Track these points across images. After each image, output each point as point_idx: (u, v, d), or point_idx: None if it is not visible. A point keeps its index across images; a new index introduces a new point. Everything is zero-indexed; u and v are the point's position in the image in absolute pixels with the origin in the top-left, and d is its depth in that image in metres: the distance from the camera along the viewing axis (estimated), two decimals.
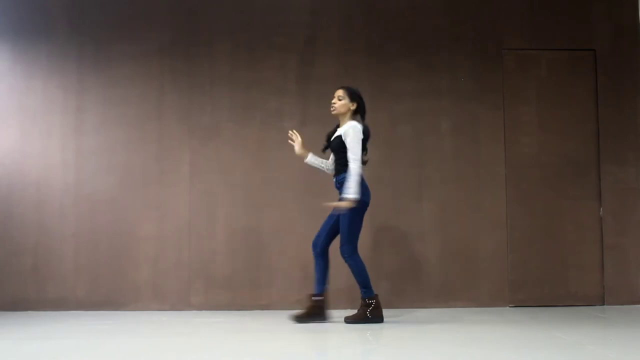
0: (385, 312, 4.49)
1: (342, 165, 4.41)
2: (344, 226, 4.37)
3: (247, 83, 5.45)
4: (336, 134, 4.50)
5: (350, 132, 4.36)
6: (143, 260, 5.31)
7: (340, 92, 4.51)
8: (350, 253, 4.38)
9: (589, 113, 5.51)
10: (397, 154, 5.41)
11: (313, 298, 4.46)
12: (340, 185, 4.42)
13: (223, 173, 5.38)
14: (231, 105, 5.43)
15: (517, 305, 5.30)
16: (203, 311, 5.21)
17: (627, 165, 5.45)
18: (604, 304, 5.33)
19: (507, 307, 5.29)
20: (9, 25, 5.48)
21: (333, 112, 4.52)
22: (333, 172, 4.57)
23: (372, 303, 4.40)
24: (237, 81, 5.45)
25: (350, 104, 4.48)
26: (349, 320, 4.39)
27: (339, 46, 5.48)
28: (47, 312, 5.20)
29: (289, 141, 4.74)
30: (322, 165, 4.68)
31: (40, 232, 5.32)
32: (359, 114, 4.53)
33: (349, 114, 4.49)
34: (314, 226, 5.10)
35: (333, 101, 4.50)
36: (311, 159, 4.69)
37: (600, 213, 5.43)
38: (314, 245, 4.52)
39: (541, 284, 5.35)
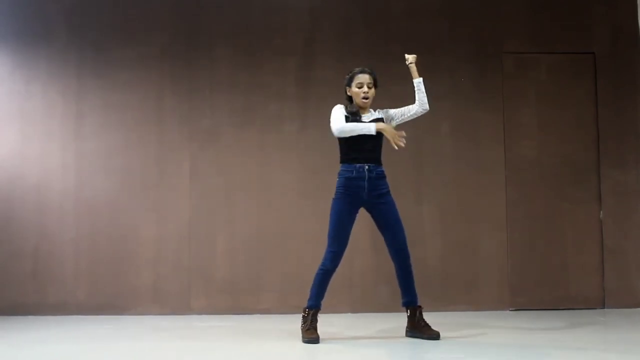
0: (385, 316, 4.49)
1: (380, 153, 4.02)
2: (399, 215, 3.99)
3: (247, 86, 5.45)
4: (372, 118, 4.02)
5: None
6: (143, 263, 5.30)
7: (369, 80, 4.01)
8: None
9: (588, 116, 5.50)
10: (397, 156, 5.38)
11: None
12: (379, 176, 3.99)
13: (223, 176, 5.38)
14: (231, 108, 5.43)
15: (518, 308, 5.29)
16: (203, 315, 5.21)
17: (627, 168, 5.45)
18: (604, 307, 5.31)
19: (508, 311, 5.28)
20: (9, 30, 5.48)
21: (365, 104, 4.00)
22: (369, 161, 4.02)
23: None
24: (236, 85, 5.45)
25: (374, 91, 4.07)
26: (437, 336, 3.87)
27: (338, 49, 5.48)
28: (47, 316, 5.19)
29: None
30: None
31: (40, 235, 5.32)
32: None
33: None
34: (314, 229, 5.08)
35: (364, 90, 3.99)
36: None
37: (601, 216, 5.42)
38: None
39: (541, 287, 5.34)
